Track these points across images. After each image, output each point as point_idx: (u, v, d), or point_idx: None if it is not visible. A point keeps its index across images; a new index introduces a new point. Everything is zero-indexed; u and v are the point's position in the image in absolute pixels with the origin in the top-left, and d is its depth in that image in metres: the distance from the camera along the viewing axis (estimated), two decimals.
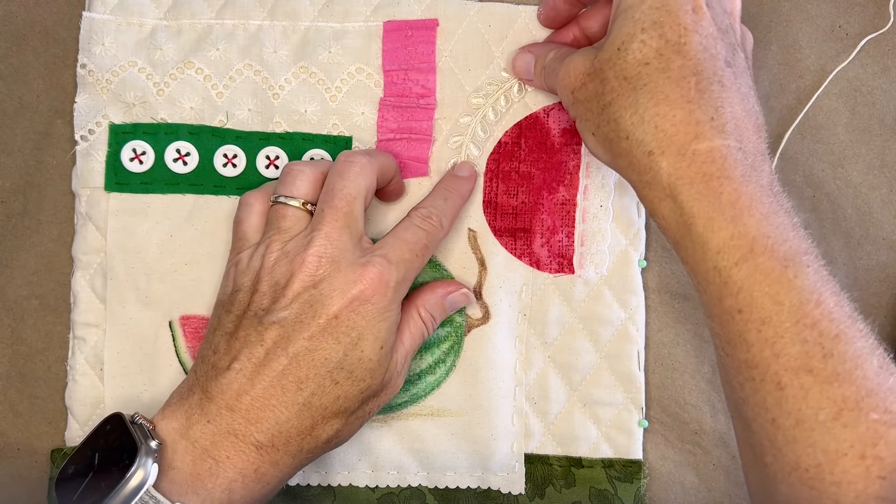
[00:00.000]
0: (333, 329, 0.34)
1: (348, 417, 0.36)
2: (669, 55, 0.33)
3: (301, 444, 0.35)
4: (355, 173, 0.37)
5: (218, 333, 0.36)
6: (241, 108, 0.43)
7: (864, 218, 0.43)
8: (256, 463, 0.34)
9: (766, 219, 0.32)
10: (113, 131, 0.42)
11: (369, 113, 0.43)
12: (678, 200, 0.33)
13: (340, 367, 0.35)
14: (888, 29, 0.43)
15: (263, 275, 0.36)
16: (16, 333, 0.43)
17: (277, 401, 0.34)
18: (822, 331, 0.31)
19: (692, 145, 0.33)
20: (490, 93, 0.43)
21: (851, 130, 0.43)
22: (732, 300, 0.32)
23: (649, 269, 0.43)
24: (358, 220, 0.37)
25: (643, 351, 0.43)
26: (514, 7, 0.43)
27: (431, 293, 0.40)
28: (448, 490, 0.43)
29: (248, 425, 0.34)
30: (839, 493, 0.30)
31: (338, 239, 0.36)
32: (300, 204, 0.37)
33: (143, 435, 0.33)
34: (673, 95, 0.33)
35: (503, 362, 0.42)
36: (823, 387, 0.31)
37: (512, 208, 0.43)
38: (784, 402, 0.31)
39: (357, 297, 0.35)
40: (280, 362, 0.34)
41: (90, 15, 0.42)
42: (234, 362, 0.35)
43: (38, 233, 0.43)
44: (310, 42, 0.42)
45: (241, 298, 0.36)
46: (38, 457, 0.43)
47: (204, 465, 0.34)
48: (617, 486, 0.42)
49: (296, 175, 0.38)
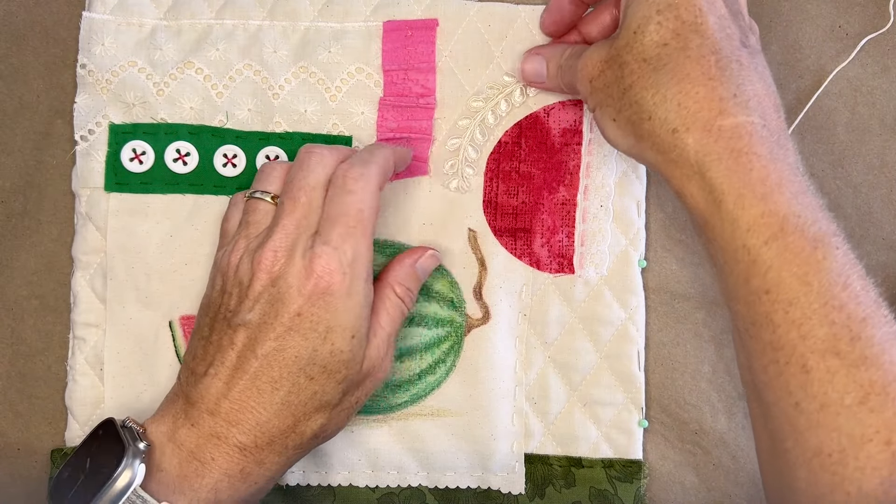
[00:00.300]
0: (298, 326, 0.34)
1: (332, 411, 0.36)
2: (687, 34, 0.34)
3: (285, 441, 0.35)
4: (314, 163, 0.37)
5: (196, 338, 0.37)
6: (241, 108, 0.43)
7: (864, 218, 0.43)
8: (241, 463, 0.34)
9: (795, 197, 0.32)
10: (113, 131, 0.42)
11: (369, 113, 0.43)
12: (707, 177, 0.33)
13: (312, 362, 0.34)
14: (888, 29, 0.43)
15: (230, 274, 0.36)
16: (16, 333, 0.43)
17: (255, 402, 0.34)
18: (850, 314, 0.31)
19: (717, 121, 0.33)
20: (490, 96, 0.43)
21: (851, 130, 0.43)
22: (760, 280, 0.32)
23: (649, 269, 0.43)
24: (317, 210, 0.36)
25: (643, 351, 0.43)
26: (513, 7, 0.43)
27: (399, 266, 0.40)
28: (448, 490, 0.43)
29: (229, 427, 0.34)
30: (862, 479, 0.30)
31: (294, 231, 0.35)
32: (270, 198, 0.37)
33: (133, 438, 0.34)
34: (694, 73, 0.33)
35: (503, 362, 0.42)
36: (850, 370, 0.30)
37: (512, 208, 0.43)
38: (809, 386, 0.31)
39: (313, 291, 0.34)
40: (252, 364, 0.34)
41: (90, 15, 0.42)
42: (209, 367, 0.35)
43: (38, 233, 0.43)
44: (310, 42, 0.42)
45: (214, 300, 0.36)
46: (38, 457, 0.43)
47: (190, 466, 0.34)
48: (617, 486, 0.42)
49: (270, 171, 0.38)
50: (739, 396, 0.42)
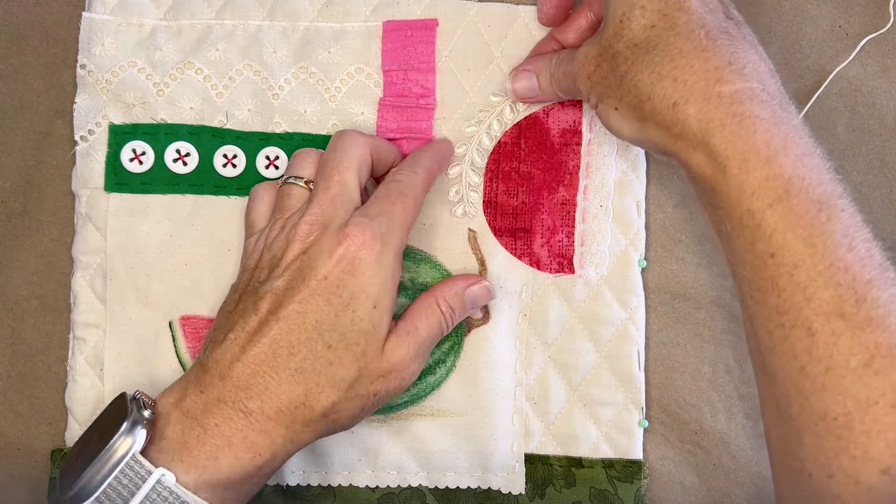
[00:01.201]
0: (323, 290, 0.34)
1: (345, 391, 0.35)
2: (673, 14, 0.34)
3: (294, 414, 0.35)
4: (346, 144, 0.38)
5: (221, 314, 0.37)
6: (241, 109, 0.43)
7: (864, 218, 0.43)
8: (245, 430, 0.34)
9: (800, 160, 0.32)
10: (113, 131, 0.42)
11: (369, 113, 0.43)
12: (710, 145, 0.33)
13: (333, 328, 0.34)
14: (888, 29, 0.43)
15: (265, 252, 0.37)
16: (16, 333, 0.43)
17: (268, 367, 0.34)
18: (855, 275, 0.30)
19: (715, 88, 0.33)
20: (482, 119, 0.43)
21: (851, 130, 0.43)
22: (765, 243, 0.32)
23: (649, 269, 0.43)
24: (351, 190, 0.37)
25: (643, 351, 0.43)
26: (513, 7, 0.43)
27: (452, 285, 0.40)
28: (448, 490, 0.43)
29: (237, 392, 0.34)
30: (868, 443, 0.30)
31: (330, 207, 0.36)
32: (303, 183, 0.38)
33: (138, 407, 0.34)
34: (686, 48, 0.33)
35: (503, 362, 0.42)
36: (856, 332, 0.30)
37: (512, 208, 0.43)
38: (814, 349, 0.31)
39: (343, 255, 0.35)
40: (271, 327, 0.34)
41: (90, 15, 0.42)
42: (229, 333, 0.35)
43: (38, 233, 0.43)
44: (309, 42, 0.42)
45: (244, 278, 0.37)
46: (38, 457, 0.43)
47: (192, 433, 0.34)
48: (617, 486, 0.42)
49: (303, 157, 0.39)
50: (739, 396, 0.42)
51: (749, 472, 0.42)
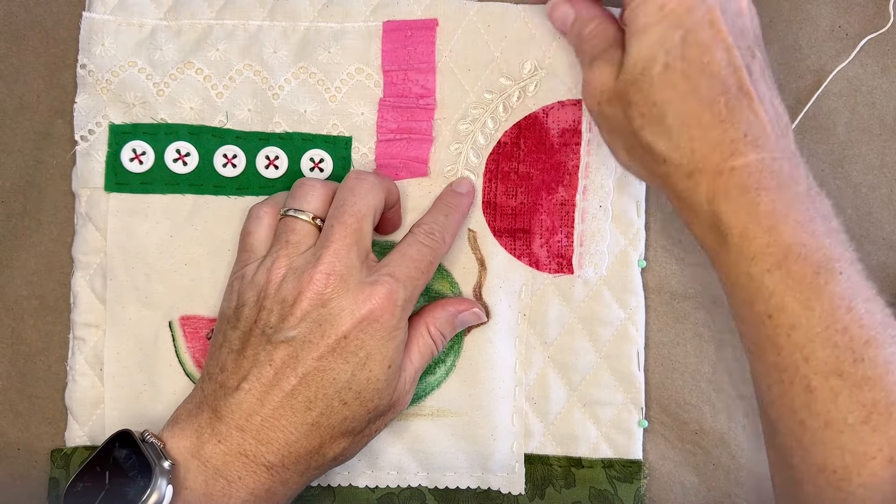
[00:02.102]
0: (342, 349, 0.34)
1: (355, 437, 0.36)
2: (695, 77, 0.33)
3: (309, 462, 0.35)
4: (366, 190, 0.37)
5: (224, 350, 0.36)
6: (241, 109, 0.43)
7: (864, 218, 0.43)
8: (268, 483, 0.34)
9: (801, 226, 0.32)
10: (113, 131, 0.42)
11: (369, 113, 0.43)
12: (716, 214, 0.33)
13: (349, 387, 0.35)
14: (888, 29, 0.43)
15: (270, 290, 0.35)
16: (16, 333, 0.43)
17: (287, 421, 0.34)
18: (853, 336, 0.31)
19: (729, 162, 0.33)
20: (488, 101, 0.43)
21: (851, 130, 0.43)
22: (763, 305, 0.32)
23: (649, 269, 0.43)
24: (366, 238, 0.37)
25: (643, 351, 0.43)
26: (513, 7, 0.43)
27: (442, 310, 0.40)
28: (448, 490, 0.43)
29: (258, 446, 0.34)
30: (866, 496, 0.30)
31: (346, 256, 0.35)
32: (310, 218, 0.37)
33: (156, 454, 0.33)
34: (705, 118, 0.33)
35: (503, 362, 0.42)
36: (853, 390, 0.31)
37: (511, 209, 0.43)
38: (813, 405, 0.31)
39: (366, 316, 0.35)
40: (289, 382, 0.34)
41: (90, 15, 0.42)
42: (243, 382, 0.35)
43: (38, 233, 0.43)
44: (309, 42, 0.43)
45: (246, 314, 0.36)
46: (38, 457, 0.43)
47: (216, 485, 0.34)
48: (617, 487, 0.42)
49: (308, 189, 0.38)
50: (739, 396, 0.42)
51: (749, 472, 0.42)
